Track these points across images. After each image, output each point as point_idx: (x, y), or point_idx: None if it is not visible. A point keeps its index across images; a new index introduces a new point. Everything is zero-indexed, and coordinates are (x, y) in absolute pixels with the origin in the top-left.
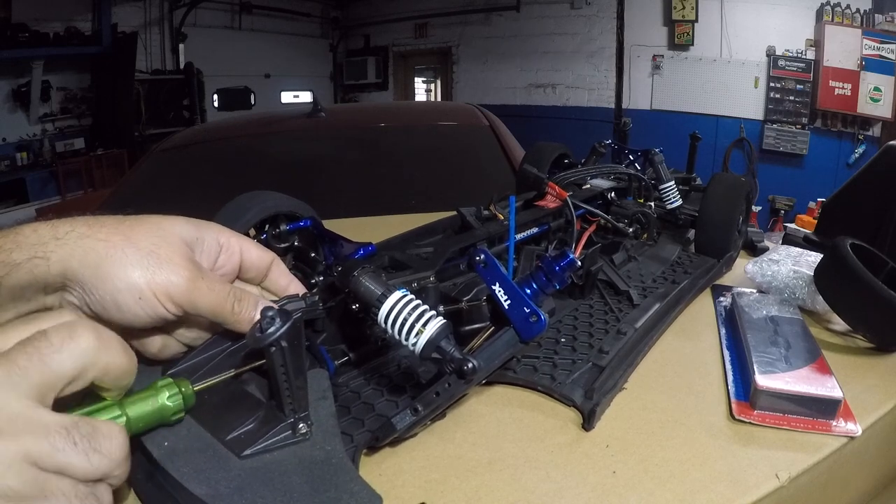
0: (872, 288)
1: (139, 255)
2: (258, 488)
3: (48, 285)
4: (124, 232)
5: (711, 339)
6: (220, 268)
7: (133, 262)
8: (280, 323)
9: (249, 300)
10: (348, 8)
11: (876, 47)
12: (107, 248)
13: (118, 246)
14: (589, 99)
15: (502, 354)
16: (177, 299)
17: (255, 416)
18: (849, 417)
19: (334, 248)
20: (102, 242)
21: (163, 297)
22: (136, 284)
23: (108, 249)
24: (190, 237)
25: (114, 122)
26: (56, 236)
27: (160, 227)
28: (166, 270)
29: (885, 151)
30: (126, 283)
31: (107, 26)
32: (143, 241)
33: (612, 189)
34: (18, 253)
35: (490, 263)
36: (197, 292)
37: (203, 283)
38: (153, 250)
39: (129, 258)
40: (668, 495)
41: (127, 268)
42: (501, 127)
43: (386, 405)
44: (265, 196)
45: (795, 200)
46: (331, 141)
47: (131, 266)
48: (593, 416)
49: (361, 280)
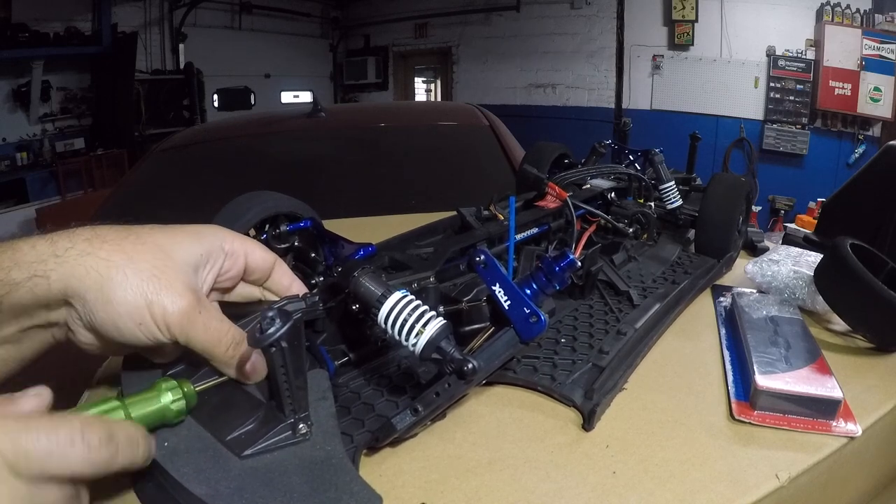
0: (872, 288)
1: (139, 278)
2: (258, 488)
3: (50, 303)
4: (126, 251)
5: (711, 340)
6: (226, 272)
7: (133, 286)
8: (280, 323)
9: (245, 346)
10: (348, 8)
11: (876, 47)
12: (108, 269)
13: (119, 267)
14: (589, 99)
15: (502, 355)
16: (173, 329)
17: (255, 417)
18: (849, 418)
19: (334, 248)
20: (104, 262)
21: (161, 325)
22: (136, 310)
23: (109, 270)
24: (193, 257)
25: (114, 122)
26: (55, 253)
27: (162, 248)
28: (166, 298)
29: (885, 151)
30: (126, 308)
31: (107, 26)
32: (144, 262)
33: (612, 189)
34: (17, 272)
35: (490, 264)
36: (191, 326)
37: (200, 318)
38: (155, 274)
39: (129, 281)
40: (668, 495)
41: (127, 291)
42: (501, 127)
43: (386, 405)
44: (265, 196)
45: (795, 200)
46: (331, 141)
47: (131, 290)
48: (593, 417)
49: (361, 281)
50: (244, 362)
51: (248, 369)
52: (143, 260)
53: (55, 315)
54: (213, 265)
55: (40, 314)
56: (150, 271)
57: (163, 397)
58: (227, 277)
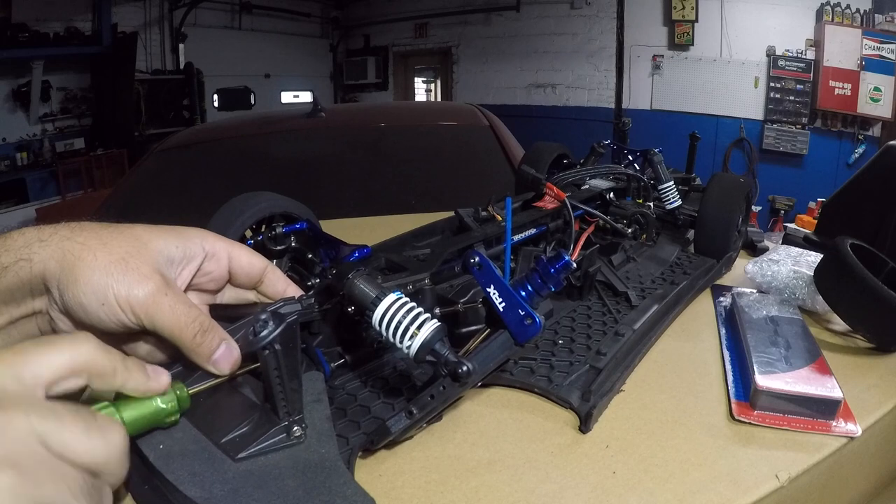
0: (872, 288)
1: (108, 259)
2: (252, 491)
3: (33, 288)
4: (102, 237)
5: (711, 340)
6: (208, 274)
7: (101, 267)
8: (273, 326)
9: (215, 334)
10: (348, 8)
11: (876, 47)
12: (81, 251)
13: (91, 249)
14: (589, 99)
15: (497, 357)
16: (136, 311)
17: (249, 419)
18: (849, 418)
19: (330, 250)
20: (79, 245)
21: (124, 305)
22: (100, 289)
23: (82, 252)
24: (168, 249)
25: (114, 122)
26: (40, 238)
27: (139, 237)
28: (130, 279)
29: (885, 151)
30: (91, 287)
31: (107, 26)
32: (117, 247)
33: (610, 189)
34: (6, 256)
35: (485, 266)
36: (156, 307)
37: (166, 300)
38: (124, 258)
39: (98, 262)
40: (668, 495)
41: (95, 272)
42: (501, 127)
43: (382, 408)
44: (260, 197)
45: (795, 200)
46: (331, 141)
47: (99, 270)
48: (590, 419)
49: (356, 283)
50: (212, 353)
51: (216, 358)
52: (117, 245)
53: (38, 303)
54: (191, 262)
55: (26, 301)
56: (121, 255)
57: (155, 399)
58: (209, 279)
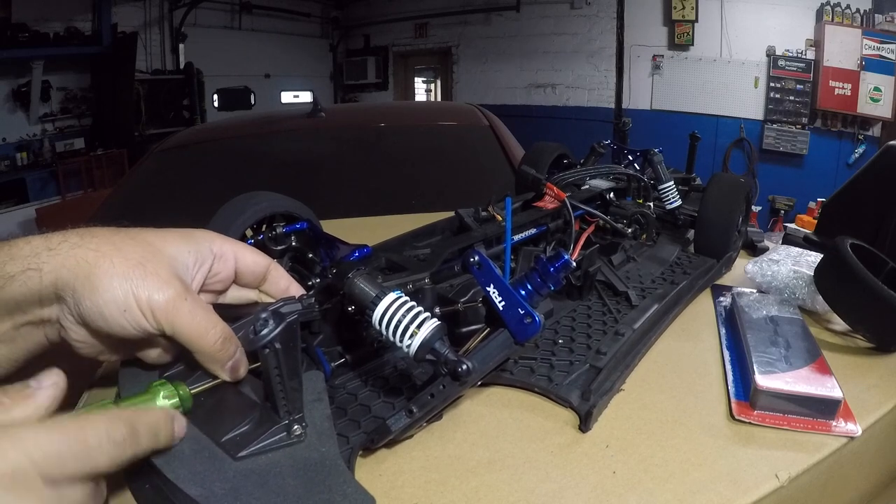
0: (872, 288)
1: (126, 265)
2: (252, 490)
3: (43, 297)
4: (115, 243)
5: (711, 340)
6: (216, 274)
7: (119, 273)
8: (274, 325)
9: (234, 341)
10: (348, 8)
11: (876, 47)
12: (96, 258)
13: (107, 255)
14: (589, 99)
15: (497, 356)
16: (158, 316)
17: (250, 418)
18: (849, 417)
19: (331, 249)
20: (93, 252)
21: (146, 311)
22: (121, 296)
23: (98, 259)
24: (182, 254)
25: (114, 122)
26: (49, 247)
27: (151, 242)
28: (150, 284)
29: (885, 151)
30: (112, 295)
31: (107, 26)
32: (132, 253)
33: (610, 189)
34: (12, 265)
35: (484, 265)
36: (176, 313)
37: (185, 305)
38: (142, 263)
39: (116, 269)
40: (668, 495)
41: (113, 278)
42: (501, 127)
43: (382, 407)
44: (260, 197)
45: (795, 200)
46: (331, 141)
47: (118, 277)
48: (590, 418)
49: (356, 282)
50: (230, 359)
51: (232, 366)
52: (131, 250)
53: (47, 311)
54: (202, 265)
55: (33, 310)
56: (138, 260)
57: (158, 399)
58: (217, 280)
